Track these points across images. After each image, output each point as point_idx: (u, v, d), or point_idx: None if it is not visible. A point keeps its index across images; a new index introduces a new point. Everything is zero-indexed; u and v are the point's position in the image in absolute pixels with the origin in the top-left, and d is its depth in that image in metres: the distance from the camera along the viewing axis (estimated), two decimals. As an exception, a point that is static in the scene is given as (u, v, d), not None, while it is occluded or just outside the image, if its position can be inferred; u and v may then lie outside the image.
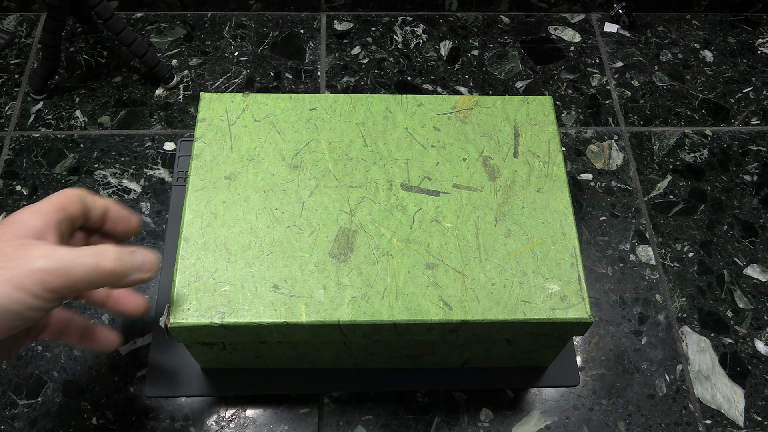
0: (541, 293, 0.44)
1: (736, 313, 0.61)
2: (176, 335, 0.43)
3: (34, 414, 0.53)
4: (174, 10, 0.79)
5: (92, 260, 0.35)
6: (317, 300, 0.43)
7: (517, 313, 0.43)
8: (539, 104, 0.53)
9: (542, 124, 0.52)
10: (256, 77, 0.74)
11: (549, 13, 0.82)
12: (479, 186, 0.49)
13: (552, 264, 0.46)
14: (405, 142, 0.50)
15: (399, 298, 0.44)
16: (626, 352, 0.59)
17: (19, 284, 0.33)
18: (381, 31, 0.79)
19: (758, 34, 0.81)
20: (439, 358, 0.53)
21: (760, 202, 0.68)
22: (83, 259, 0.35)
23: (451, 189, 0.48)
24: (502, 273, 0.45)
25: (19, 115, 0.70)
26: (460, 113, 0.52)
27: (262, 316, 0.43)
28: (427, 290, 0.44)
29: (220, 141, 0.49)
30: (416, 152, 0.50)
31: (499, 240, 0.46)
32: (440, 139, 0.51)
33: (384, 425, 0.54)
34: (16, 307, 0.33)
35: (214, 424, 0.54)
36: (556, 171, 0.50)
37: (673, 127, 0.73)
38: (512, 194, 0.48)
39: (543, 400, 0.56)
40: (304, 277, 0.44)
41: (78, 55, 0.75)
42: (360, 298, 0.43)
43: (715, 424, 0.56)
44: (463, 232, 0.46)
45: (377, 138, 0.50)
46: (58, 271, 0.34)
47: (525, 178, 0.49)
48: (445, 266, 0.45)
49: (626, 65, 0.77)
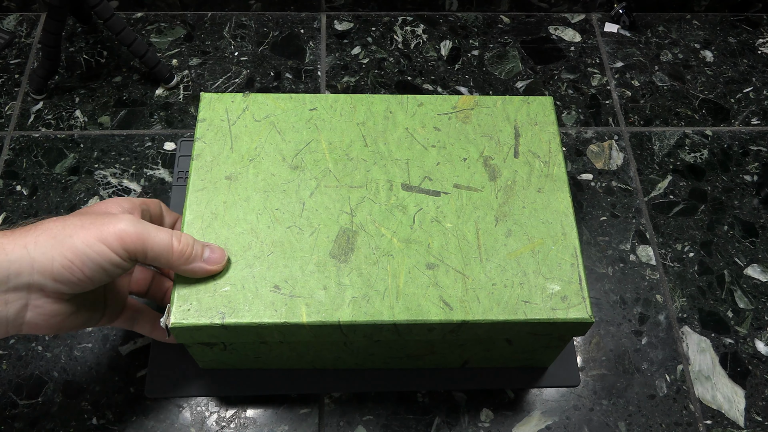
0: (541, 293, 0.44)
1: (736, 313, 0.61)
2: (177, 335, 0.43)
3: (34, 414, 0.53)
4: (174, 10, 0.79)
5: (167, 236, 0.41)
6: (318, 300, 0.43)
7: (517, 313, 0.43)
8: (540, 104, 0.53)
9: (543, 124, 0.52)
10: (256, 77, 0.74)
11: (549, 13, 0.82)
12: (480, 186, 0.48)
13: (552, 264, 0.45)
14: (405, 142, 0.50)
15: (399, 298, 0.43)
16: (627, 352, 0.59)
17: (103, 238, 0.39)
18: (381, 31, 0.79)
19: (758, 34, 0.81)
20: (439, 358, 0.53)
21: (760, 202, 0.68)
22: (161, 233, 0.41)
23: (452, 189, 0.48)
24: (502, 273, 0.45)
25: (19, 115, 0.70)
26: (461, 113, 0.52)
27: (262, 316, 0.42)
28: (428, 290, 0.44)
29: (220, 141, 0.49)
30: (416, 152, 0.50)
31: (499, 240, 0.46)
32: (441, 139, 0.50)
33: (384, 425, 0.54)
34: (98, 258, 0.39)
35: (214, 424, 0.53)
36: (556, 171, 0.49)
37: (673, 127, 0.73)
38: (513, 194, 0.48)
39: (543, 401, 0.56)
40: (304, 278, 0.44)
41: (78, 55, 0.75)
42: (360, 298, 0.43)
43: (716, 424, 0.56)
44: (463, 232, 0.46)
45: (377, 138, 0.50)
46: (137, 236, 0.40)
47: (525, 178, 0.49)
48: (446, 266, 0.45)
49: (626, 65, 0.77)
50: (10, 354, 0.56)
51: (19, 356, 0.56)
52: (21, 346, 0.56)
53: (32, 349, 0.56)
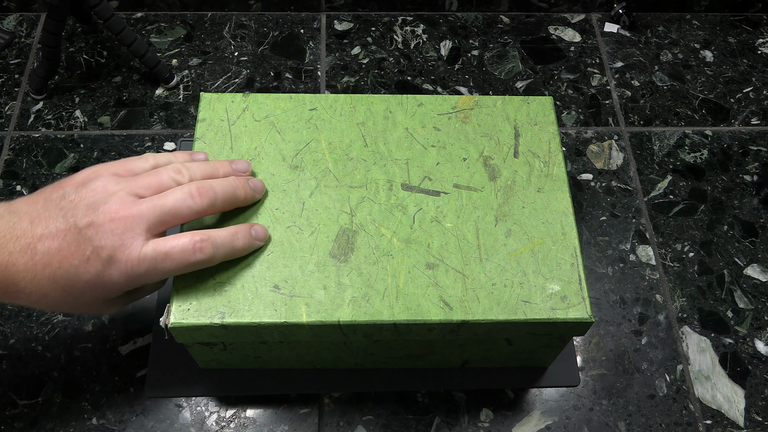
0: (541, 293, 0.44)
1: (736, 313, 0.61)
2: (176, 335, 0.43)
3: (34, 414, 0.53)
4: (174, 10, 0.79)
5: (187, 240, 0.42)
6: (317, 300, 0.43)
7: (517, 313, 0.43)
8: (539, 104, 0.53)
9: (542, 124, 0.52)
10: (256, 77, 0.74)
11: (549, 13, 0.82)
12: (479, 186, 0.49)
13: (552, 264, 0.45)
14: (405, 142, 0.50)
15: (399, 298, 0.44)
16: (626, 352, 0.59)
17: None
18: (381, 31, 0.79)
19: (758, 34, 0.81)
20: (439, 358, 0.53)
21: (760, 202, 0.68)
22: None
23: (452, 189, 0.48)
24: (502, 273, 0.45)
25: (19, 115, 0.70)
26: (461, 113, 0.52)
27: (262, 316, 0.43)
28: (428, 290, 0.44)
29: (220, 141, 0.49)
30: (416, 152, 0.50)
31: (499, 240, 0.46)
32: (440, 139, 0.51)
33: (384, 425, 0.54)
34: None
35: (214, 424, 0.54)
36: (556, 171, 0.50)
37: (673, 127, 0.73)
38: (512, 194, 0.48)
39: (543, 401, 0.56)
40: (304, 277, 0.44)
41: (78, 55, 0.75)
42: (360, 298, 0.43)
43: (716, 424, 0.56)
44: (463, 232, 0.46)
45: (377, 138, 0.50)
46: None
47: (525, 178, 0.49)
48: (446, 266, 0.45)
49: (626, 65, 0.77)
50: (10, 354, 0.56)
51: (19, 356, 0.56)
52: (21, 346, 0.56)
53: (32, 349, 0.56)
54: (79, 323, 0.58)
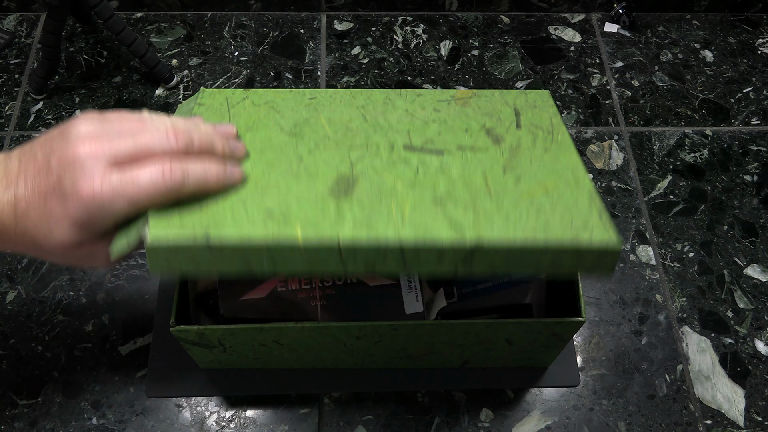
0: (560, 220, 0.41)
1: (736, 313, 0.61)
2: (153, 260, 0.37)
3: (34, 414, 0.53)
4: (174, 10, 0.79)
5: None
6: (314, 221, 0.39)
7: (537, 233, 0.39)
8: (537, 95, 0.52)
9: (542, 107, 0.51)
10: (256, 77, 0.74)
11: (549, 13, 0.82)
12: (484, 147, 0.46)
13: (569, 202, 0.42)
14: (406, 118, 0.49)
15: (406, 221, 0.40)
16: (626, 352, 0.59)
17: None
18: (381, 31, 0.79)
19: (758, 34, 0.81)
20: (439, 358, 0.53)
21: (760, 202, 0.68)
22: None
23: (456, 150, 0.46)
24: (516, 207, 0.41)
25: (19, 115, 0.70)
26: (459, 100, 0.52)
27: (252, 233, 0.38)
28: (437, 215, 0.40)
29: (218, 116, 0.48)
30: (417, 125, 0.48)
31: (509, 185, 0.43)
32: (441, 117, 0.49)
33: (384, 425, 0.54)
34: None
35: (214, 424, 0.54)
36: (561, 138, 0.47)
37: (673, 127, 0.73)
38: (519, 153, 0.46)
39: (543, 400, 0.56)
40: (300, 205, 0.40)
41: (78, 55, 0.75)
42: (362, 219, 0.39)
43: (716, 424, 0.56)
44: (471, 179, 0.43)
45: (377, 116, 0.49)
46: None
47: (530, 143, 0.47)
48: (455, 201, 0.41)
49: (626, 65, 0.78)
50: (10, 354, 0.56)
51: (19, 356, 0.56)
52: (21, 346, 0.56)
53: (32, 349, 0.56)
54: (79, 323, 0.58)
